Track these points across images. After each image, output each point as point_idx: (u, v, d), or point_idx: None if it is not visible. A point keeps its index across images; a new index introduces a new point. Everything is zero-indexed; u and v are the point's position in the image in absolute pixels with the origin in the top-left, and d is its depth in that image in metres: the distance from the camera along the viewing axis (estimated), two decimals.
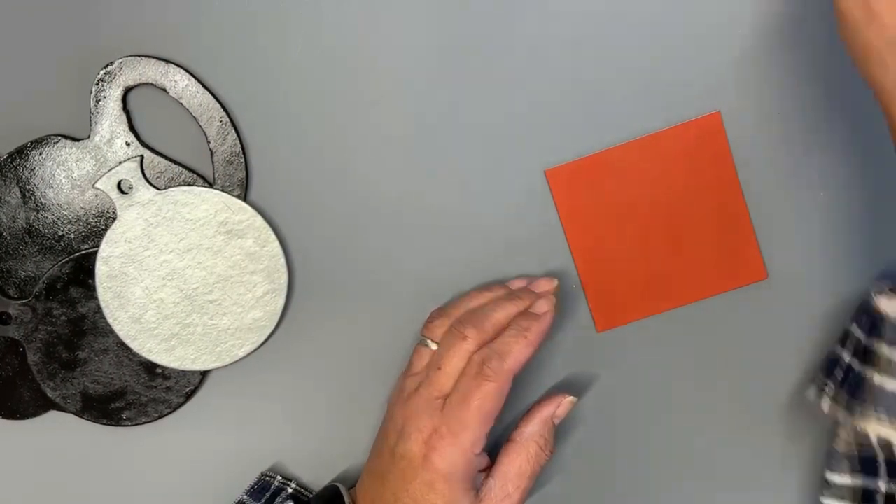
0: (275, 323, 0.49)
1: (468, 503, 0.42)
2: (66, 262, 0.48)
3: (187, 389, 0.50)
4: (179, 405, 0.50)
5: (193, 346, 0.49)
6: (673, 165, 0.47)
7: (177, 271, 0.48)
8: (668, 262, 0.48)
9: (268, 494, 0.49)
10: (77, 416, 0.50)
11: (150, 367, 0.49)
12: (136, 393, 0.49)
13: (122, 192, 0.48)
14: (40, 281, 0.48)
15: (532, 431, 0.45)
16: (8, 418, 0.50)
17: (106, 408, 0.50)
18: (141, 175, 0.47)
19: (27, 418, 0.50)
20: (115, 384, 0.49)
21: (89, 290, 0.48)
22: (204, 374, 0.50)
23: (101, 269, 0.48)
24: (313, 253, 0.50)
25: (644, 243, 0.48)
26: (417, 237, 0.50)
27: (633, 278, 0.48)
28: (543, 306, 0.45)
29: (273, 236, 0.48)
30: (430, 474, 0.42)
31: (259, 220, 0.48)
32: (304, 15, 0.48)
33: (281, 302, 0.49)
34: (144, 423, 0.50)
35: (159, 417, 0.50)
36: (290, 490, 0.50)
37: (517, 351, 0.43)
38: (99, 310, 0.48)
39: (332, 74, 0.48)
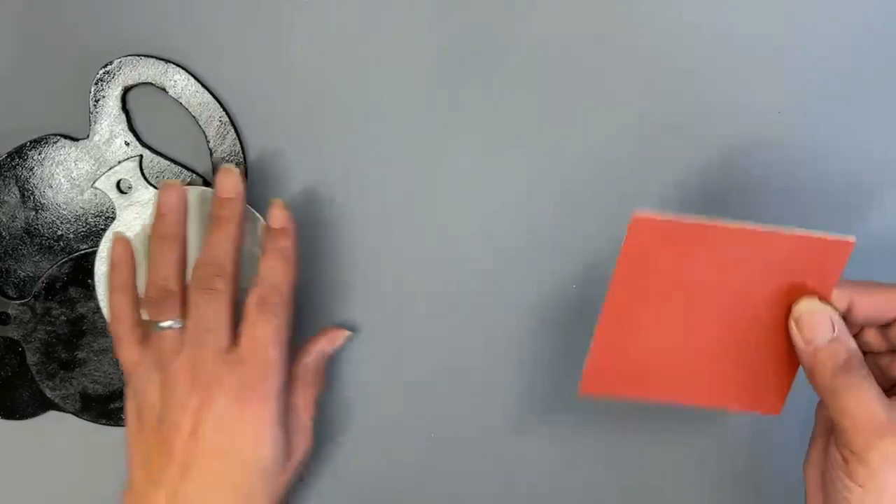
0: None
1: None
2: (66, 262, 0.48)
3: None
4: None
5: None
6: (771, 270, 0.40)
7: None
8: (696, 355, 0.42)
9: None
10: (76, 416, 0.50)
11: None
12: None
13: (121, 191, 0.47)
14: (39, 281, 0.48)
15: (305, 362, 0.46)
16: (8, 418, 0.50)
17: (105, 408, 0.49)
18: (140, 175, 0.47)
19: (27, 418, 0.50)
20: (115, 384, 0.49)
21: (88, 290, 0.48)
22: None
23: (99, 268, 0.47)
24: (313, 253, 0.50)
25: (686, 328, 0.41)
26: (417, 237, 0.49)
27: (649, 355, 0.42)
28: (278, 217, 0.45)
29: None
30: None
31: (257, 217, 0.48)
32: (304, 14, 0.48)
33: None
34: None
35: None
36: None
37: (287, 277, 0.44)
38: (98, 310, 0.48)
39: (332, 74, 0.48)
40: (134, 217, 0.47)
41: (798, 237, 0.39)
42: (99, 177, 0.47)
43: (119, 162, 0.47)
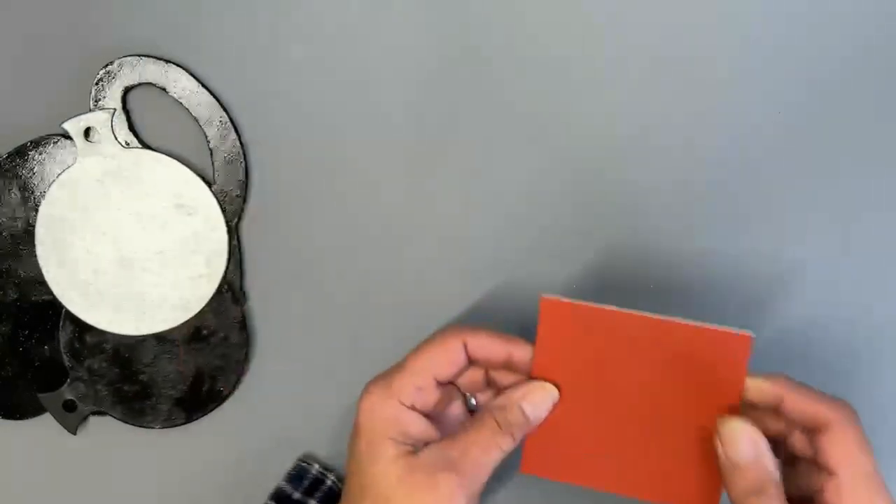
0: (200, 307, 0.49)
1: (392, 456, 0.39)
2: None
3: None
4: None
5: (115, 309, 0.49)
6: (679, 363, 0.40)
7: (120, 231, 0.48)
8: (624, 444, 0.42)
9: (307, 483, 0.49)
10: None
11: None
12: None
13: (87, 140, 0.47)
14: (65, 355, 0.49)
15: (494, 404, 0.41)
16: (8, 418, 0.50)
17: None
18: (110, 128, 0.47)
19: (27, 418, 0.50)
20: (185, 375, 0.50)
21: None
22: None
23: (45, 209, 0.47)
24: (313, 253, 0.50)
25: (607, 413, 0.41)
26: (418, 237, 0.49)
27: (581, 440, 0.42)
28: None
29: (223, 223, 0.48)
30: (357, 418, 0.41)
31: (213, 202, 0.48)
32: (304, 15, 0.48)
33: (212, 288, 0.49)
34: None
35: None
36: (329, 482, 0.49)
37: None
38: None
39: (332, 74, 0.48)
40: (93, 166, 0.47)
41: (697, 328, 0.39)
42: (68, 118, 0.47)
43: (91, 110, 0.47)
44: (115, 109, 0.47)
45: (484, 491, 0.40)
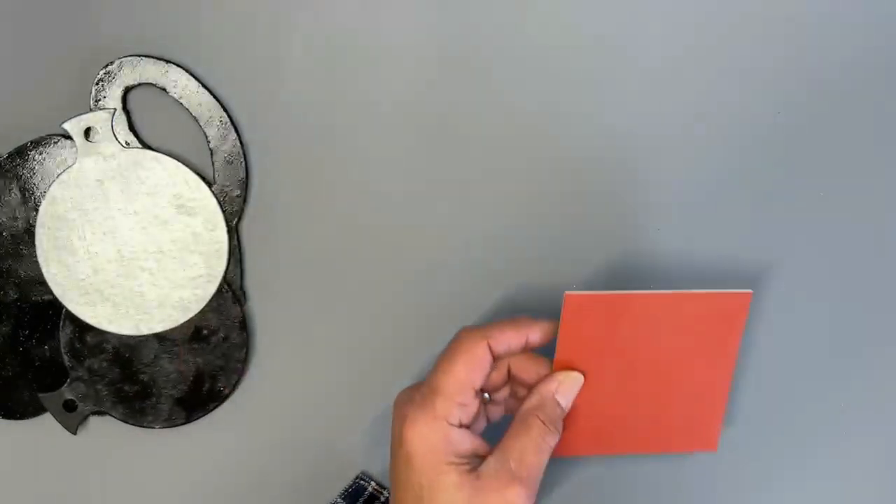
0: (200, 307, 0.49)
1: (456, 482, 0.39)
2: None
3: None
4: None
5: (114, 308, 0.49)
6: (685, 326, 0.45)
7: (119, 231, 0.48)
8: (637, 410, 0.46)
9: (361, 501, 0.49)
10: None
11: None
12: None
13: (87, 139, 0.47)
14: (65, 355, 0.49)
15: (532, 405, 0.42)
16: (8, 418, 0.50)
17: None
18: (110, 128, 0.47)
19: (27, 418, 0.50)
20: (185, 375, 0.50)
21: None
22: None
23: (45, 207, 0.47)
24: (313, 253, 0.50)
25: (622, 388, 0.46)
26: (418, 237, 0.49)
27: (596, 418, 0.46)
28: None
29: (223, 223, 0.48)
30: (405, 448, 0.40)
31: (213, 203, 0.48)
32: (304, 15, 0.48)
33: (212, 289, 0.49)
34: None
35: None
36: (381, 500, 0.50)
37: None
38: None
39: (332, 74, 0.48)
40: (92, 166, 0.47)
41: (702, 294, 0.44)
42: (68, 118, 0.47)
43: (90, 109, 0.47)
44: (115, 109, 0.47)
45: None
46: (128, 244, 0.48)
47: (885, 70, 0.47)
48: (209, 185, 0.48)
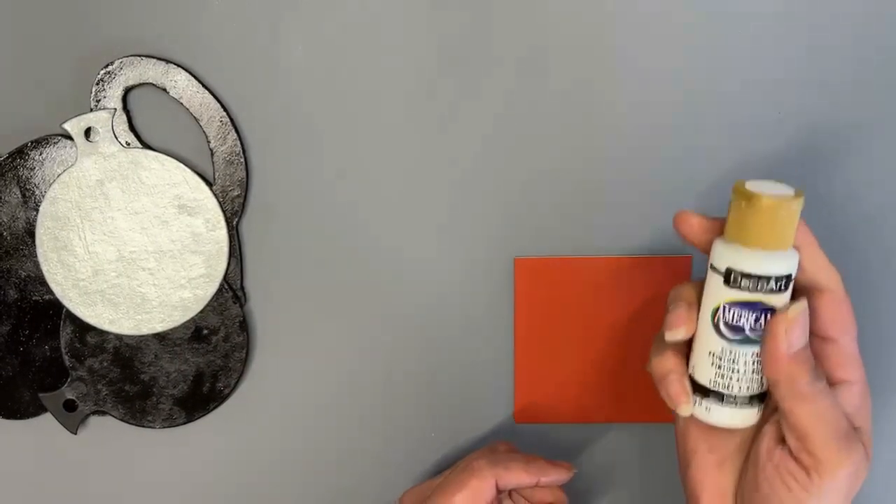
0: (200, 307, 0.49)
1: None
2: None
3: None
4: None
5: (114, 308, 0.49)
6: (633, 291, 0.47)
7: (119, 231, 0.48)
8: (600, 378, 0.48)
9: None
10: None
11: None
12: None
13: (88, 139, 0.47)
14: (66, 355, 0.49)
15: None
16: (8, 418, 0.50)
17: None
18: (110, 128, 0.47)
19: (27, 418, 0.50)
20: (185, 375, 0.50)
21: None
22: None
23: (46, 207, 0.47)
24: (313, 253, 0.50)
25: (583, 354, 0.47)
26: (417, 237, 0.50)
27: (563, 383, 0.48)
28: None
29: (223, 223, 0.48)
30: None
31: (213, 202, 0.48)
32: (304, 15, 0.48)
33: (213, 289, 0.49)
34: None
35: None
36: None
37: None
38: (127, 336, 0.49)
39: (332, 75, 0.48)
40: (92, 166, 0.47)
41: (645, 259, 0.46)
42: (69, 118, 0.47)
43: (91, 109, 0.47)
44: (115, 109, 0.47)
45: None
46: (128, 244, 0.48)
47: (885, 70, 0.47)
48: (209, 185, 0.48)
